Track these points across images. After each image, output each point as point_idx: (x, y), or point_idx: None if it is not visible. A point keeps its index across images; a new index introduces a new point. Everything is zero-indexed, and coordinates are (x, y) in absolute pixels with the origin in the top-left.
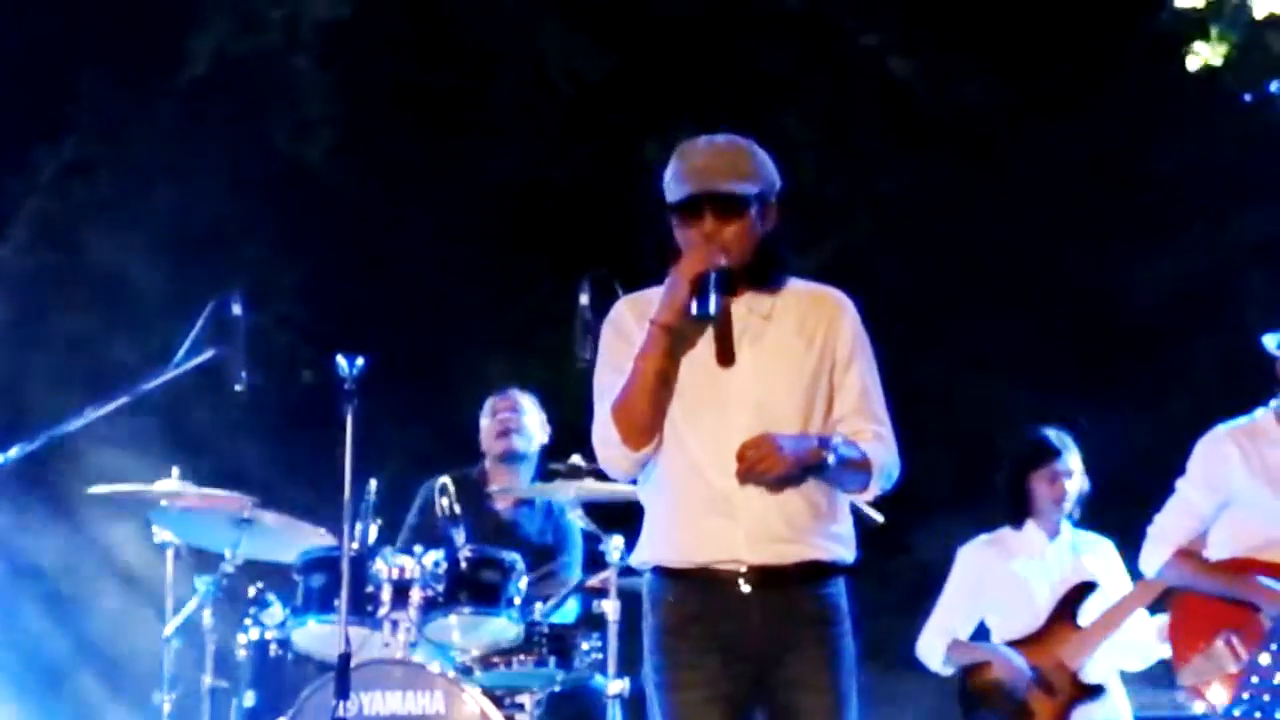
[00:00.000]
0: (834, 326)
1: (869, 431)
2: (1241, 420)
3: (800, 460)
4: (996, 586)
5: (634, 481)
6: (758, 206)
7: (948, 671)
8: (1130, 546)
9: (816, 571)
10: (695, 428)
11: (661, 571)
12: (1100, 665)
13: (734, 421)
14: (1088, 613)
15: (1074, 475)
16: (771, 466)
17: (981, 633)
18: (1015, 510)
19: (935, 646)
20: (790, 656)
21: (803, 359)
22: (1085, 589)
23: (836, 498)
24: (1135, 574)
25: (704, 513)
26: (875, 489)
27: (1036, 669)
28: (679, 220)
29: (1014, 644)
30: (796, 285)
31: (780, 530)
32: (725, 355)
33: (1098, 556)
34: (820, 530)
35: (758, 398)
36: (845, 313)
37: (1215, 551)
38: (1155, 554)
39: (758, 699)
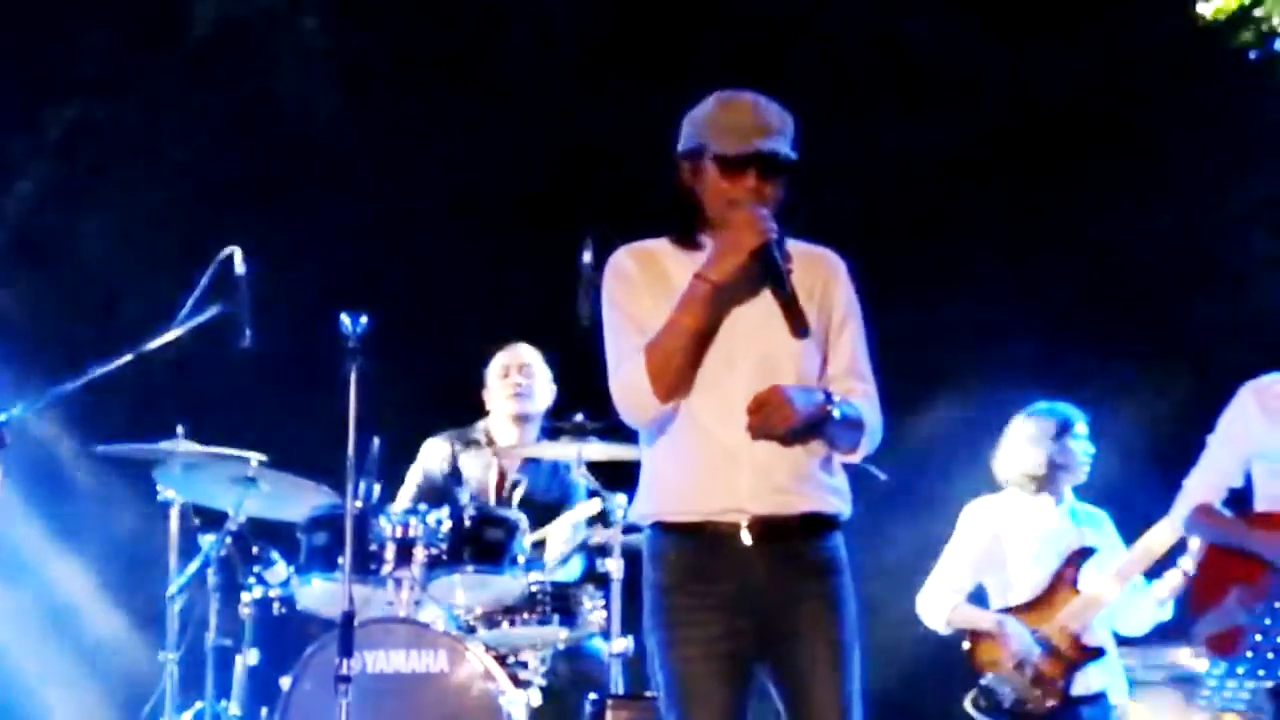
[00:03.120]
0: (831, 286)
1: (859, 391)
2: (1274, 374)
3: (809, 415)
4: (1001, 548)
5: (636, 441)
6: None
7: (947, 632)
8: (1130, 503)
9: (818, 524)
10: (700, 385)
11: (662, 527)
12: (1099, 628)
13: (737, 374)
14: (1087, 578)
15: (1088, 444)
16: (784, 420)
17: (978, 594)
18: (1033, 476)
19: (939, 606)
20: (793, 610)
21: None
22: (1084, 554)
23: (831, 451)
24: (1130, 542)
25: (707, 465)
26: (865, 449)
27: (1039, 633)
28: (724, 173)
29: (1017, 609)
30: (793, 244)
31: (784, 480)
32: (798, 327)
33: (1094, 527)
34: (822, 482)
35: (761, 350)
36: (842, 273)
37: (1257, 505)
38: (1180, 508)
39: (759, 655)
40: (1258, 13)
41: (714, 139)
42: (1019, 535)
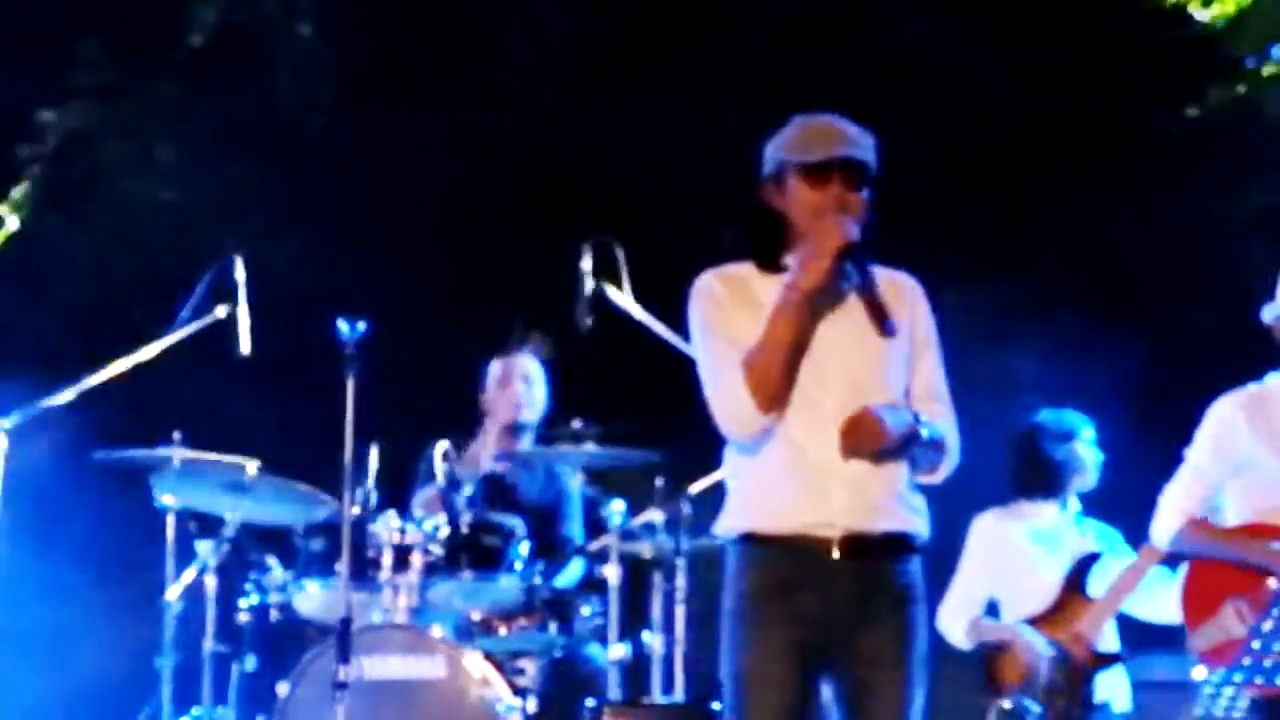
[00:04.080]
0: (917, 309)
1: (940, 413)
2: (1251, 386)
3: (901, 435)
4: (1012, 559)
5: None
6: (869, 186)
7: (968, 646)
8: (1130, 510)
9: (902, 545)
10: (793, 400)
11: (750, 538)
12: (1109, 635)
13: (829, 390)
14: (1095, 583)
15: (1096, 450)
16: (876, 440)
17: (990, 608)
18: (1043, 484)
19: (958, 621)
20: (869, 631)
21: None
22: (1091, 560)
23: (910, 473)
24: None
25: (801, 481)
26: (945, 470)
27: (1056, 643)
28: (808, 182)
29: (1030, 621)
30: (877, 269)
31: (877, 497)
32: (884, 325)
33: (1104, 539)
34: (909, 502)
35: (852, 368)
36: (922, 296)
37: (1230, 518)
38: (1166, 523)
39: (828, 670)
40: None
41: (797, 152)
42: (1028, 545)
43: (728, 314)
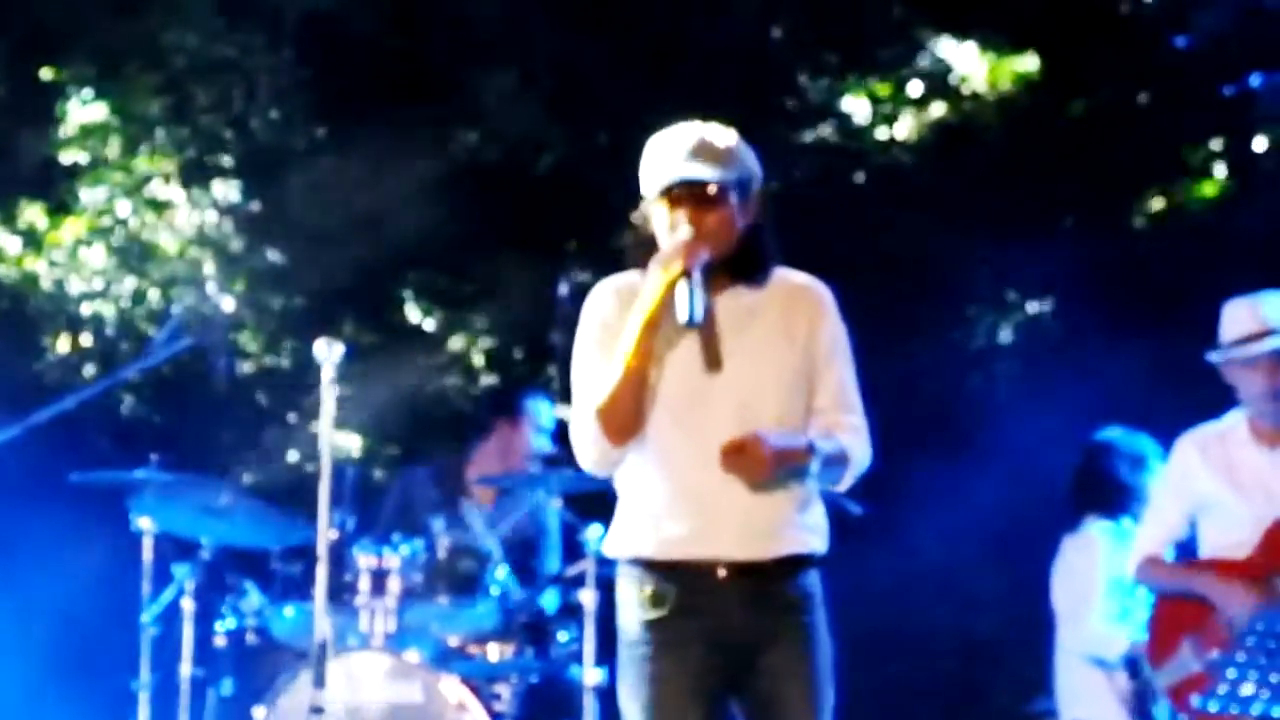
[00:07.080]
0: (816, 321)
1: (846, 424)
2: (1211, 424)
3: (787, 464)
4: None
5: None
6: (738, 196)
7: (1115, 659)
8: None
9: (794, 564)
10: (677, 427)
11: (639, 563)
12: None
13: (717, 421)
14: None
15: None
16: (759, 472)
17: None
18: (1113, 503)
19: (1112, 637)
20: (768, 646)
21: (785, 355)
22: None
23: (810, 489)
24: None
25: (685, 512)
26: (849, 480)
27: None
28: (659, 206)
29: None
30: (779, 276)
31: (762, 526)
32: (712, 361)
33: None
34: (799, 523)
35: (741, 398)
36: (827, 306)
37: (1201, 554)
38: (1131, 561)
39: (734, 689)
40: None
41: (650, 176)
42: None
43: (611, 337)
